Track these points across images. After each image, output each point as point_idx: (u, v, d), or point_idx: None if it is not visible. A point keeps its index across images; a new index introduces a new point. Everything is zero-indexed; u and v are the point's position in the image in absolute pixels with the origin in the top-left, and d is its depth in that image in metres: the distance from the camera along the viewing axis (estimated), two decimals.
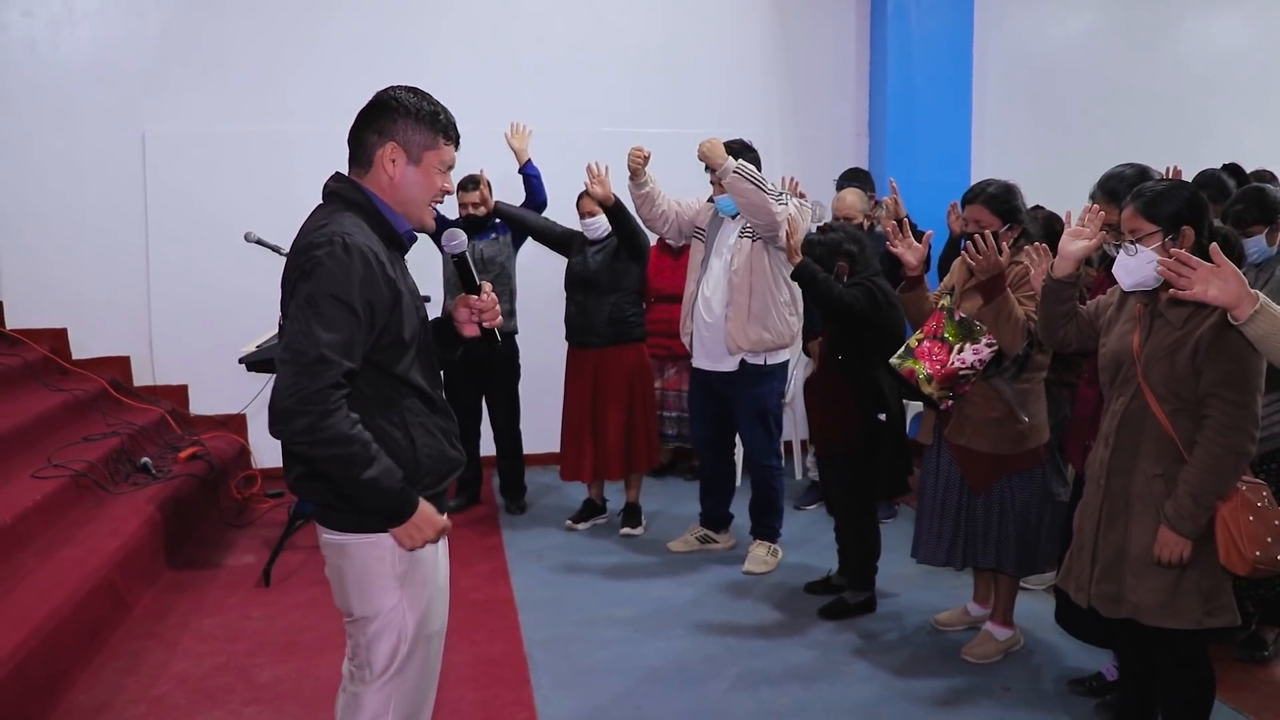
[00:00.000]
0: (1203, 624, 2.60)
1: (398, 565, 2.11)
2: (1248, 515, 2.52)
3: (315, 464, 2.00)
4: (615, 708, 3.37)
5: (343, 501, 2.06)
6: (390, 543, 2.09)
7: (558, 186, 5.35)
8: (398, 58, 5.98)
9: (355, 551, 2.11)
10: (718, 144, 4.29)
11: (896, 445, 4.02)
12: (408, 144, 2.09)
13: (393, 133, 2.09)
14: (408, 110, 2.09)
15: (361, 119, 2.13)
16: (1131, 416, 2.66)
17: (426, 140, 2.11)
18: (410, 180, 2.11)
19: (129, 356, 5.93)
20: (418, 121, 2.09)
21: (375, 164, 2.10)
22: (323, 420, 1.91)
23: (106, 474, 4.68)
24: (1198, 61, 7.29)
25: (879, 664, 3.69)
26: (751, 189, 4.23)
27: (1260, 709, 3.32)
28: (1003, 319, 3.30)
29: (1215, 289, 2.30)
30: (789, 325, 4.55)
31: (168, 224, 5.87)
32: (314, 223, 2.06)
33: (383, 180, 2.11)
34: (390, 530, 2.05)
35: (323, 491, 2.08)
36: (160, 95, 5.84)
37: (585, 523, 5.31)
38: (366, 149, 2.10)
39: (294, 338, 1.93)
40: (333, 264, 1.95)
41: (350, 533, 2.10)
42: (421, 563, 2.15)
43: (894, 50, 6.55)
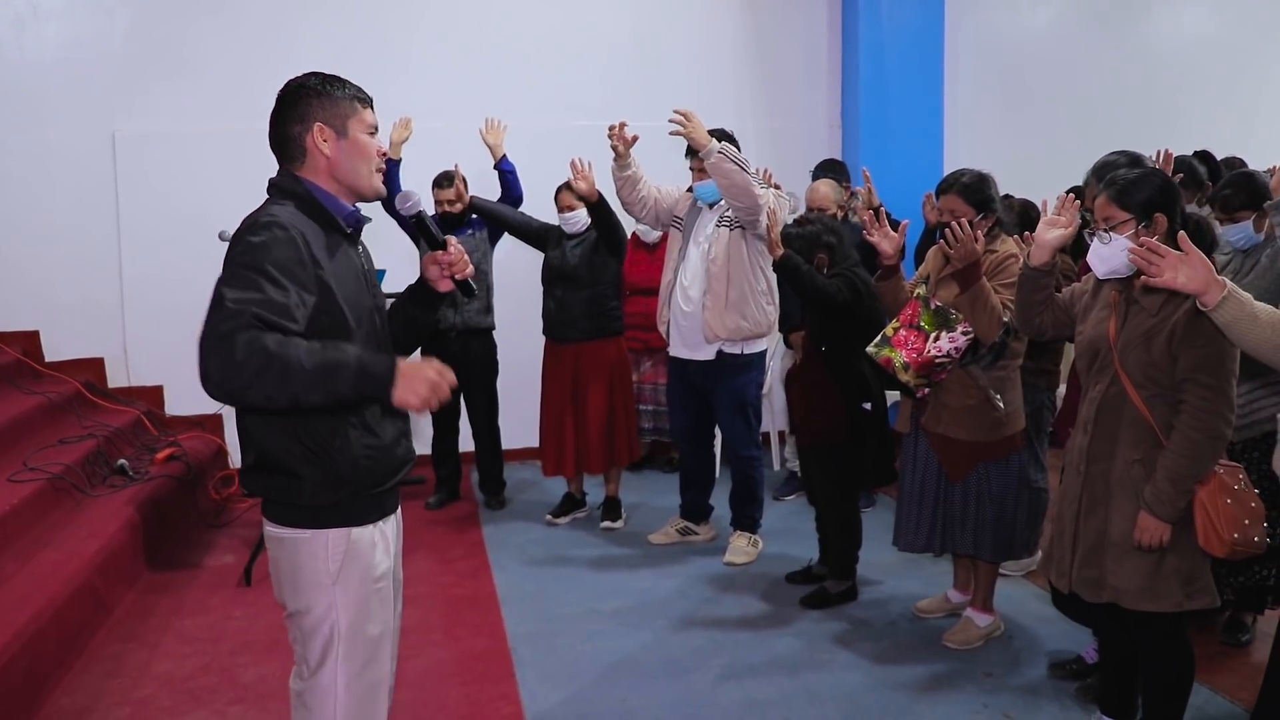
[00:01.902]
0: (1183, 606, 2.64)
1: (331, 563, 2.08)
2: (1225, 498, 2.56)
3: (260, 403, 1.85)
4: (600, 700, 3.38)
5: (281, 495, 2.05)
6: (326, 539, 2.07)
7: (532, 181, 5.34)
8: (371, 55, 5.94)
9: (292, 546, 2.09)
10: (701, 127, 4.26)
11: (882, 434, 4.05)
12: (330, 120, 2.10)
13: (314, 115, 2.09)
14: (317, 91, 2.10)
15: (276, 117, 2.13)
16: (1109, 403, 2.70)
17: (345, 110, 2.11)
18: (346, 153, 2.11)
19: (103, 358, 5.88)
20: (330, 98, 2.11)
21: (309, 150, 2.10)
22: (228, 348, 1.80)
23: (84, 476, 4.64)
24: (1167, 50, 7.39)
25: (862, 652, 3.72)
26: (735, 170, 4.22)
27: (1237, 690, 3.37)
28: (979, 307, 3.33)
29: (1184, 276, 2.33)
30: (766, 314, 4.57)
31: (140, 224, 5.82)
32: (251, 216, 2.04)
33: (320, 164, 2.11)
34: (393, 400, 1.91)
35: (265, 483, 2.07)
36: (130, 94, 5.78)
37: (565, 517, 5.32)
38: (294, 140, 2.10)
39: (215, 294, 1.87)
40: (250, 238, 1.94)
41: (289, 527, 2.09)
42: (357, 561, 2.11)
43: (865, 41, 6.59)
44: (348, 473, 2.06)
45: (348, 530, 2.09)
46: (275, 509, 2.11)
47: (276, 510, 2.11)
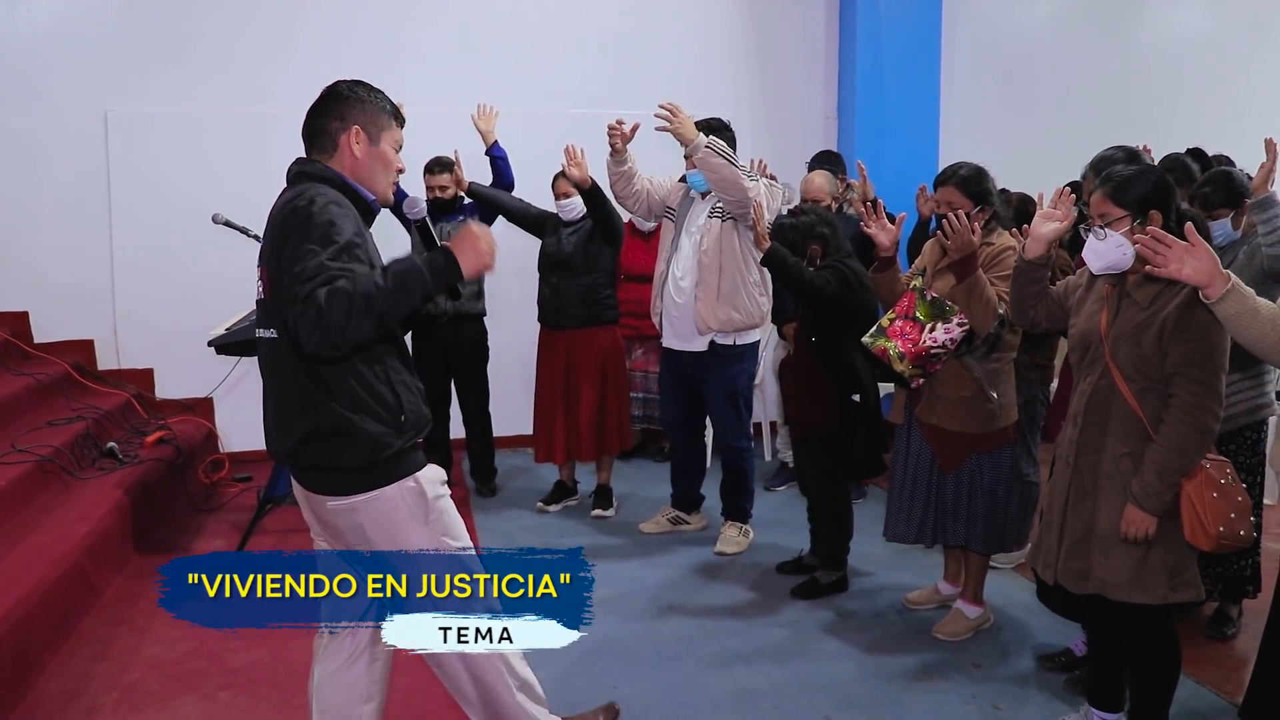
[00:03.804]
0: (1168, 599, 2.65)
1: (416, 507, 2.27)
2: (1211, 492, 2.57)
3: (359, 338, 2.07)
4: (591, 688, 3.38)
5: (360, 458, 2.19)
6: (402, 489, 2.25)
7: (524, 168, 5.32)
8: (365, 40, 5.93)
9: (377, 507, 2.24)
10: (688, 122, 4.25)
11: (872, 426, 4.05)
12: (368, 126, 2.32)
13: (355, 118, 2.31)
14: (363, 99, 2.33)
15: (318, 109, 2.33)
16: (1099, 396, 2.71)
17: (382, 123, 2.34)
18: (373, 158, 2.33)
19: (92, 340, 5.85)
20: (374, 107, 2.34)
21: (340, 146, 2.31)
22: (313, 308, 2.00)
23: (72, 459, 4.62)
24: (1160, 47, 7.41)
25: (852, 642, 3.73)
26: (723, 164, 4.21)
27: (1222, 681, 3.40)
28: (975, 298, 3.33)
29: (1190, 268, 2.34)
30: (759, 305, 4.56)
31: (132, 205, 5.79)
32: (288, 197, 2.22)
33: (346, 160, 2.31)
34: (467, 273, 2.15)
35: (322, 453, 2.20)
36: (123, 74, 5.74)
37: (557, 504, 5.32)
38: (329, 134, 2.31)
39: (295, 270, 2.06)
40: (317, 210, 2.12)
41: (366, 492, 2.23)
42: (431, 497, 2.31)
43: (863, 33, 6.59)
44: (403, 420, 2.24)
45: (415, 474, 2.28)
46: (336, 480, 2.23)
47: (337, 481, 2.23)
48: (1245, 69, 7.51)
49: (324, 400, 2.18)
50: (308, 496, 2.35)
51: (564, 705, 3.26)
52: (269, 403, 2.32)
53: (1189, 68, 7.38)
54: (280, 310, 2.15)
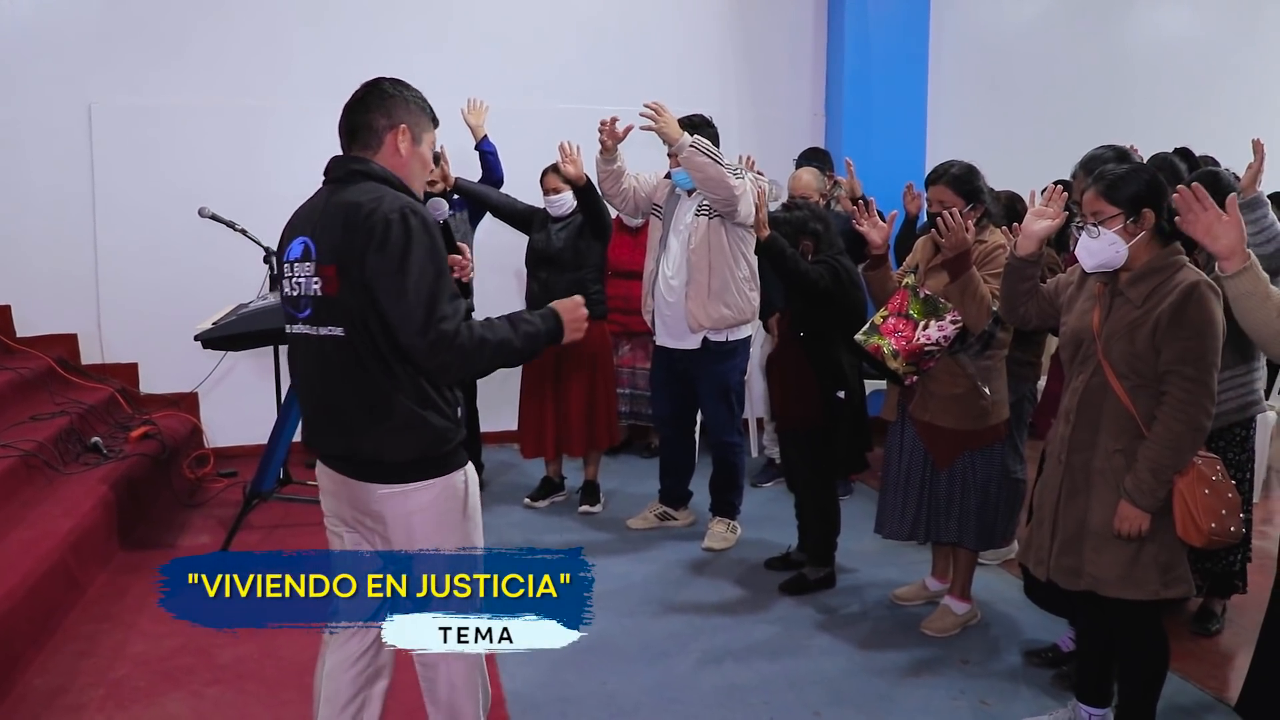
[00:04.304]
0: (1160, 594, 2.67)
1: (458, 500, 2.38)
2: (1203, 489, 2.59)
3: (481, 375, 2.49)
4: (581, 684, 3.38)
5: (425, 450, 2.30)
6: (454, 480, 2.36)
7: (512, 163, 5.31)
8: (351, 34, 5.90)
9: (421, 495, 2.32)
10: (673, 121, 4.24)
11: (856, 423, 4.06)
12: (413, 127, 2.36)
13: (401, 117, 2.34)
14: (408, 99, 2.36)
15: (362, 104, 2.34)
16: (1092, 393, 2.72)
17: (424, 124, 2.40)
18: (415, 158, 2.38)
19: (76, 334, 5.78)
20: (419, 108, 2.39)
21: (385, 144, 2.33)
22: (456, 346, 2.18)
23: (56, 454, 4.58)
24: (1146, 47, 7.46)
25: (841, 638, 3.74)
26: (708, 163, 4.20)
27: (1206, 677, 3.44)
28: (968, 296, 3.35)
29: (1221, 235, 2.37)
30: (749, 301, 4.56)
31: (116, 198, 5.73)
32: (360, 199, 2.22)
33: (390, 159, 2.34)
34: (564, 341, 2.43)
35: (388, 447, 2.27)
36: (107, 66, 5.68)
37: (544, 500, 5.31)
38: (375, 131, 2.32)
39: (419, 295, 2.16)
40: (415, 227, 2.18)
41: (425, 479, 2.31)
42: (471, 494, 2.42)
43: (851, 30, 6.59)
44: (456, 419, 2.36)
45: (464, 468, 2.40)
46: (414, 468, 2.31)
47: (414, 468, 2.31)
48: (1229, 70, 7.56)
49: (397, 397, 2.25)
50: (349, 485, 2.37)
51: (554, 701, 3.28)
52: (319, 399, 2.34)
53: (1174, 68, 7.43)
54: (351, 310, 2.21)
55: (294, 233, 2.34)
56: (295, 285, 2.31)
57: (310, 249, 2.27)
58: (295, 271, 2.31)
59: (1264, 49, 7.68)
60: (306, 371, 2.36)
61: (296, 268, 2.30)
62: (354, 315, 2.20)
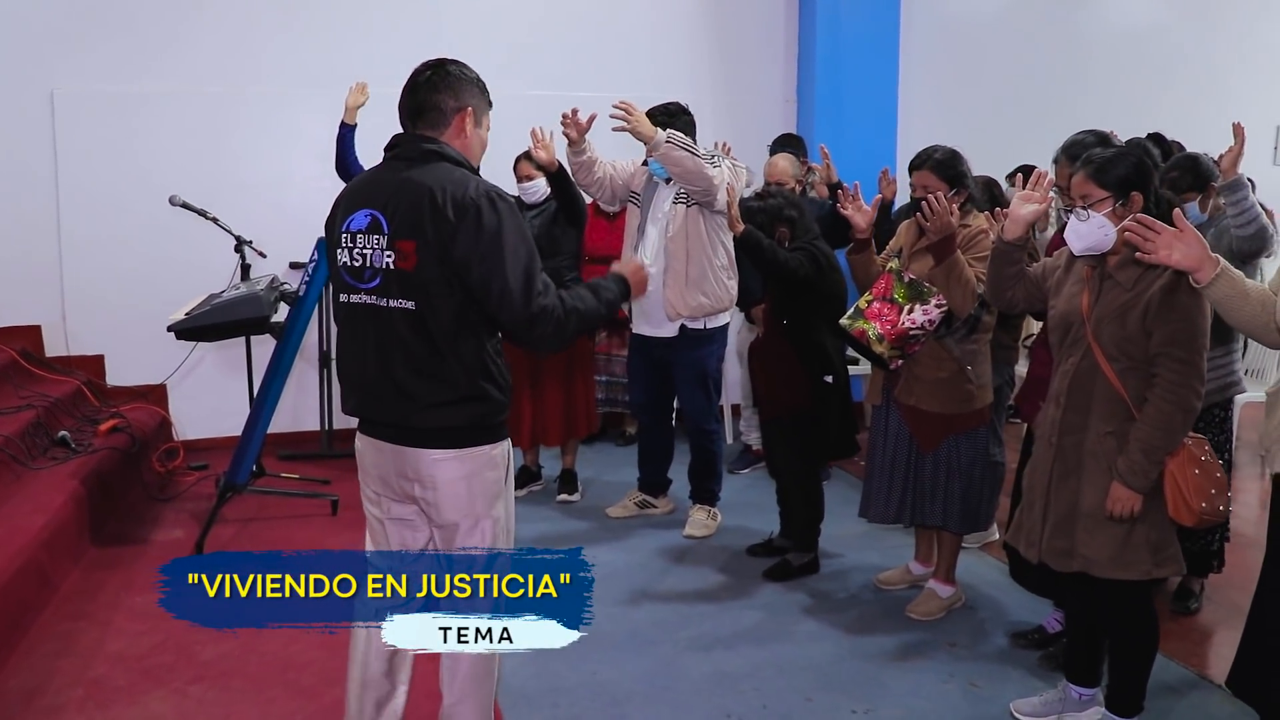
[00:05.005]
0: (1151, 574, 2.71)
1: (500, 469, 2.48)
2: (1193, 469, 2.62)
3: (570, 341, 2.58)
4: (570, 674, 3.36)
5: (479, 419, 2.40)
6: (501, 450, 2.48)
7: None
8: (324, 19, 5.78)
9: (474, 459, 2.42)
10: (645, 119, 4.15)
11: (843, 407, 4.06)
12: (477, 109, 2.47)
13: (468, 99, 2.45)
14: (473, 81, 2.48)
15: (429, 85, 2.42)
16: (1082, 376, 2.73)
17: (484, 107, 2.51)
18: (477, 139, 2.49)
19: (40, 325, 5.65)
20: (482, 92, 2.50)
21: (453, 125, 2.42)
22: (550, 320, 2.37)
23: (24, 449, 4.47)
24: (1113, 32, 7.52)
25: (828, 623, 3.75)
26: (685, 156, 4.16)
27: (1188, 655, 3.48)
28: (954, 280, 3.35)
29: (1179, 253, 2.38)
30: (727, 289, 4.54)
31: (80, 187, 5.59)
32: (443, 176, 2.31)
33: (458, 139, 2.44)
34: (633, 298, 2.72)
35: (450, 415, 2.37)
36: (69, 51, 5.53)
37: (521, 490, 5.26)
38: (444, 112, 2.41)
39: (519, 276, 2.29)
40: (504, 211, 2.30)
41: (476, 446, 2.41)
42: (510, 464, 2.54)
43: (822, 16, 6.57)
44: (508, 392, 2.47)
45: (507, 440, 2.52)
46: (468, 434, 2.40)
47: (468, 435, 2.40)
48: (1190, 55, 7.65)
49: (464, 370, 2.35)
50: (400, 453, 2.42)
51: (546, 691, 3.26)
52: (377, 368, 2.39)
53: (1138, 53, 7.50)
54: (426, 285, 2.29)
55: (356, 203, 2.40)
56: (359, 256, 2.36)
57: (381, 222, 2.33)
58: (359, 243, 2.36)
59: (1223, 34, 7.77)
60: (364, 341, 2.40)
61: (360, 239, 2.36)
62: (429, 290, 2.29)
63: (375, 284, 2.35)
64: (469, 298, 2.31)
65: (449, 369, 2.34)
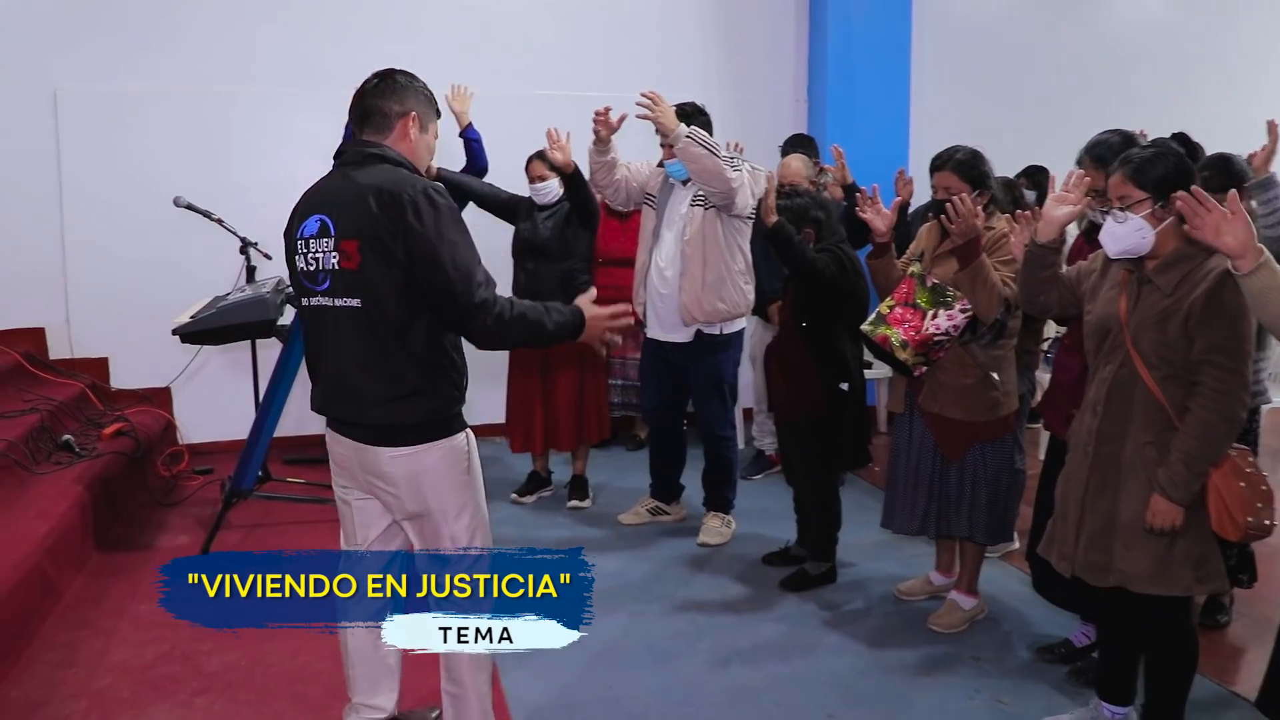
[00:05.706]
0: (1193, 590, 2.62)
1: (463, 460, 2.55)
2: (1239, 481, 2.52)
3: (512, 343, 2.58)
4: (584, 688, 3.28)
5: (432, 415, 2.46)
6: (459, 441, 2.53)
7: (491, 150, 5.16)
8: (329, 19, 5.72)
9: (437, 455, 2.49)
10: (669, 110, 4.12)
11: (858, 416, 3.98)
12: (422, 115, 2.55)
13: (413, 105, 2.53)
14: (419, 90, 2.56)
15: (376, 92, 2.51)
16: (1121, 384, 2.64)
17: (431, 115, 2.59)
18: (421, 144, 2.56)
19: (44, 328, 5.59)
20: (428, 99, 2.58)
21: (396, 130, 2.51)
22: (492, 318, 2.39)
23: (27, 453, 4.39)
24: (1128, 30, 7.46)
25: (849, 635, 3.66)
26: (704, 154, 4.09)
27: (1220, 670, 3.39)
28: (979, 284, 3.26)
29: (1229, 235, 2.30)
30: (744, 294, 4.45)
31: (84, 188, 5.53)
32: (384, 176, 2.39)
33: (401, 143, 2.52)
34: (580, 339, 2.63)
35: (403, 412, 2.43)
36: (73, 51, 5.46)
37: (531, 496, 5.19)
38: (388, 117, 2.50)
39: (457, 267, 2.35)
40: (443, 205, 2.38)
41: (432, 441, 2.47)
42: (474, 455, 2.61)
43: (833, 14, 6.52)
44: (461, 386, 2.53)
45: (466, 431, 2.57)
46: (420, 431, 2.47)
47: (420, 432, 2.47)
48: (1208, 52, 7.57)
49: (413, 365, 2.40)
50: (361, 450, 2.50)
51: (559, 707, 3.18)
52: (334, 367, 2.47)
53: (1154, 51, 7.43)
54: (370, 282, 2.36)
55: (308, 211, 2.47)
56: (312, 260, 2.44)
57: (329, 225, 2.40)
58: (311, 248, 2.44)
59: (1241, 31, 7.69)
60: (322, 341, 2.49)
61: (313, 244, 2.43)
62: (373, 287, 2.36)
63: (326, 286, 2.43)
64: (414, 293, 2.36)
65: (396, 365, 2.39)
